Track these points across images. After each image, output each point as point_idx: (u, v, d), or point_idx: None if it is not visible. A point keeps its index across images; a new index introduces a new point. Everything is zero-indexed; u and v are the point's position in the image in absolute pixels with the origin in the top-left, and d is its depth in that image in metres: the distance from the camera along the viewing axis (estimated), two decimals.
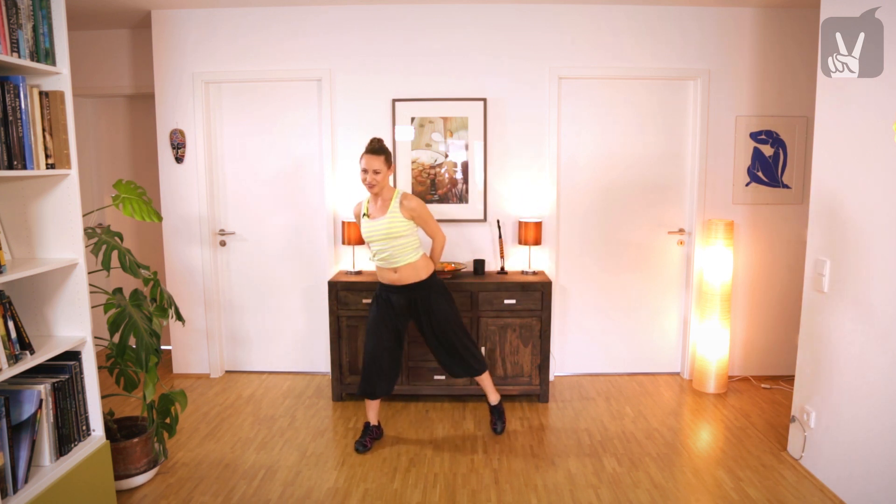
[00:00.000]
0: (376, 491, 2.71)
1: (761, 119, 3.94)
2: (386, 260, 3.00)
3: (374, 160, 2.92)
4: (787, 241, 4.04)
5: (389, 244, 2.97)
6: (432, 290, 3.06)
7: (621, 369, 4.24)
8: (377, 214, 3.01)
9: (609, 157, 4.02)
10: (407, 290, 3.04)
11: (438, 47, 3.88)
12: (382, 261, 3.02)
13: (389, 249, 2.98)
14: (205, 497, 2.67)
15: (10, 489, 1.93)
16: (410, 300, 3.06)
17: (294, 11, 3.86)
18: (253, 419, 3.50)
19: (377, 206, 3.03)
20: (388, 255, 2.99)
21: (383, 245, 2.98)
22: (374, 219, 3.00)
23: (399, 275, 3.01)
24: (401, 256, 2.98)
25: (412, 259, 3.00)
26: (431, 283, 3.07)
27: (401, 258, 2.98)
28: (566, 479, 2.81)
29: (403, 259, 2.99)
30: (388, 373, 3.11)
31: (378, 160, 2.93)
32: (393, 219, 2.96)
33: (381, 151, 2.95)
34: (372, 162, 2.92)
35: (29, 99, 2.02)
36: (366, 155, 2.94)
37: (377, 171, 2.93)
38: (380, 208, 3.02)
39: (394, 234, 2.95)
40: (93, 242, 2.63)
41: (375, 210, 3.03)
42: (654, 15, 3.84)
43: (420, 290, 3.05)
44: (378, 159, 2.93)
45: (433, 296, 3.05)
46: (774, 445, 3.14)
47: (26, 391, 2.04)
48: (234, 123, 4.07)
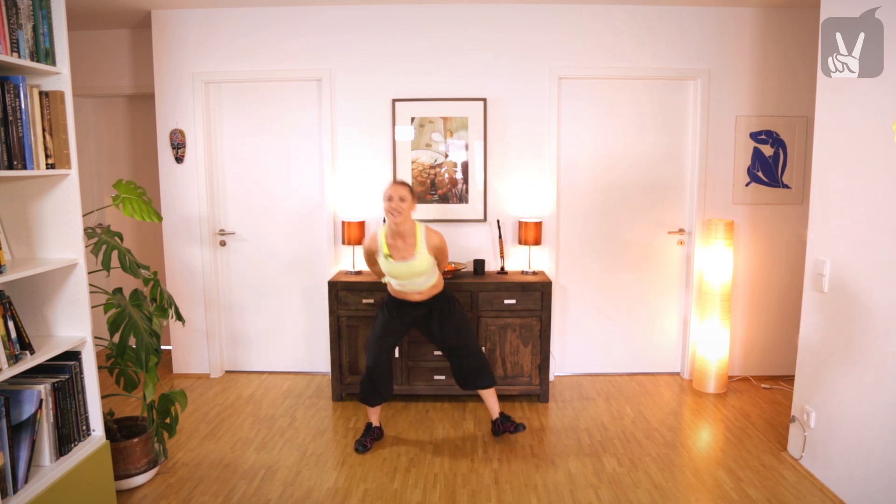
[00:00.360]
0: (376, 491, 2.71)
1: (761, 119, 3.94)
2: (407, 287, 3.03)
3: (400, 188, 2.92)
4: (787, 241, 4.04)
5: (413, 279, 3.00)
6: (445, 299, 3.13)
7: (621, 369, 4.24)
8: (403, 255, 2.95)
9: (609, 157, 4.02)
10: (422, 305, 3.09)
11: (438, 47, 3.88)
12: (402, 287, 3.04)
13: (412, 282, 3.01)
14: (205, 497, 2.67)
15: (10, 489, 1.93)
16: (429, 311, 3.10)
17: (294, 11, 3.86)
18: (253, 419, 3.50)
19: (401, 245, 2.96)
20: (410, 284, 3.02)
21: (406, 281, 3.01)
22: (401, 261, 2.94)
23: (419, 294, 3.05)
24: (422, 283, 3.02)
25: (431, 282, 3.05)
26: (447, 293, 3.15)
27: (422, 284, 3.02)
28: (566, 479, 2.81)
29: (425, 285, 3.03)
30: (389, 380, 3.17)
31: (403, 188, 2.92)
32: (421, 261, 2.94)
33: (405, 184, 2.97)
34: (397, 189, 2.91)
35: (29, 99, 2.02)
36: (392, 185, 2.95)
37: (402, 198, 2.89)
38: (405, 248, 2.95)
39: (422, 271, 2.97)
40: (93, 242, 2.63)
41: (398, 249, 2.96)
42: (654, 15, 3.84)
43: (438, 301, 3.10)
44: (403, 188, 2.93)
45: (450, 304, 3.12)
46: (774, 445, 3.14)
47: (26, 391, 2.03)
48: (234, 123, 4.08)
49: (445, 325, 3.10)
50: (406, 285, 3.02)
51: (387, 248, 2.97)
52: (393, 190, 2.92)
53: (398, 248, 2.96)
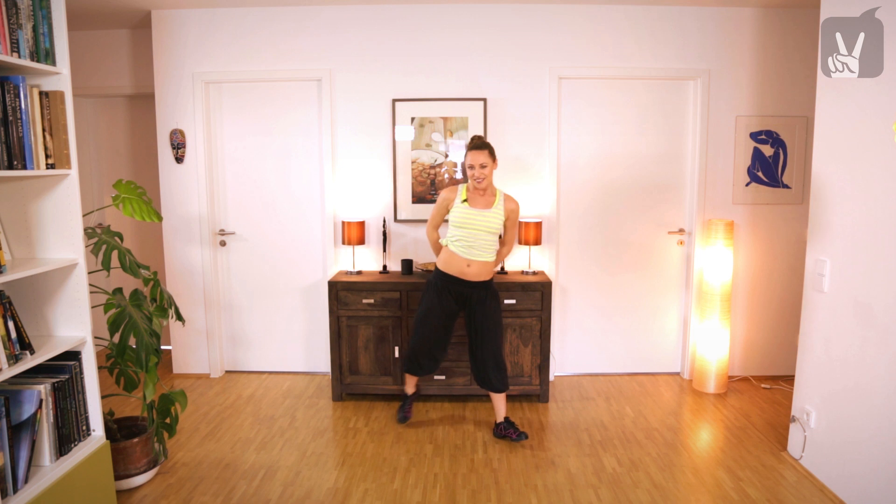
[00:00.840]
0: (376, 491, 2.71)
1: (761, 119, 3.94)
2: (468, 248, 3.02)
3: (479, 155, 2.95)
4: (787, 241, 4.04)
5: (480, 236, 3.00)
6: (490, 290, 3.14)
7: (621, 369, 4.24)
8: (480, 206, 3.03)
9: (609, 157, 4.03)
10: (469, 286, 3.09)
11: (438, 47, 3.88)
12: (464, 248, 3.02)
13: (476, 240, 3.01)
14: (205, 497, 2.67)
15: (10, 489, 1.94)
16: (468, 295, 3.11)
17: (294, 11, 3.86)
18: (253, 419, 3.50)
19: (481, 198, 3.05)
20: (471, 243, 3.01)
21: (474, 234, 3.00)
22: (477, 209, 3.02)
23: (471, 269, 3.04)
24: (482, 251, 3.03)
25: (489, 258, 3.06)
26: (491, 284, 3.15)
27: (481, 253, 3.03)
28: (566, 479, 2.81)
29: (483, 255, 3.04)
30: (437, 356, 3.23)
31: (483, 154, 2.96)
32: (497, 214, 3.02)
33: (484, 146, 3.00)
34: (477, 157, 2.95)
35: (29, 99, 2.02)
36: (470, 152, 2.97)
37: (484, 164, 2.95)
38: (484, 200, 3.05)
39: (491, 228, 3.01)
40: (93, 242, 2.63)
41: (478, 201, 3.05)
42: (654, 15, 3.84)
43: (481, 288, 3.11)
44: (483, 153, 2.96)
45: (489, 296, 3.13)
46: (774, 445, 3.14)
47: (26, 391, 2.04)
48: (234, 123, 4.08)
49: (481, 313, 3.10)
50: (470, 243, 3.01)
51: (465, 195, 3.05)
52: (473, 158, 2.96)
53: (477, 199, 3.04)
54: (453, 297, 3.12)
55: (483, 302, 3.11)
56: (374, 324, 3.63)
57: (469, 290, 3.10)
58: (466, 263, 3.03)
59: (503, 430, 3.19)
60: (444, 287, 3.11)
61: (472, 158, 2.97)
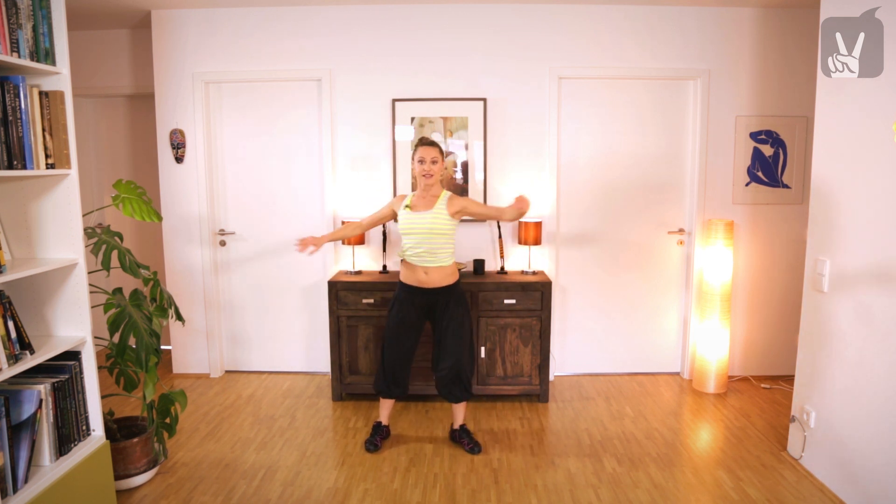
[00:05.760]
0: (376, 491, 2.71)
1: (761, 119, 3.94)
2: (420, 256, 2.92)
3: (431, 150, 2.94)
4: (787, 241, 4.04)
5: (428, 241, 2.91)
6: (453, 295, 3.01)
7: (621, 369, 4.24)
8: (421, 208, 2.95)
9: (609, 157, 4.03)
10: (432, 294, 2.98)
11: (438, 47, 3.88)
12: (416, 257, 2.93)
13: (426, 245, 2.91)
14: (205, 497, 2.67)
15: (10, 489, 1.94)
16: (433, 303, 3.00)
17: (294, 11, 3.86)
18: (253, 419, 3.50)
19: (422, 200, 2.98)
20: (423, 250, 2.92)
21: (421, 239, 2.91)
22: (418, 212, 2.94)
23: (429, 277, 2.94)
24: (436, 257, 2.92)
25: (446, 263, 2.96)
26: (455, 289, 3.02)
27: (435, 259, 2.92)
28: (566, 479, 2.81)
29: (437, 260, 2.93)
30: (407, 374, 3.11)
31: (434, 150, 2.95)
32: (438, 214, 2.91)
33: (435, 144, 2.98)
34: (429, 151, 2.94)
35: (29, 99, 2.02)
36: (421, 146, 2.96)
37: (434, 160, 2.93)
38: (426, 203, 2.96)
39: (436, 230, 2.90)
40: (93, 242, 2.63)
41: (419, 204, 2.97)
42: (654, 15, 3.84)
43: (444, 294, 2.99)
44: (434, 149, 2.95)
45: (453, 301, 2.99)
46: (774, 445, 3.14)
47: (26, 391, 2.04)
48: (234, 123, 4.08)
49: (446, 318, 2.98)
50: (423, 249, 2.91)
51: (410, 200, 3.00)
52: (424, 152, 2.93)
53: (419, 203, 2.98)
54: (417, 309, 3.01)
55: (446, 307, 2.97)
56: (374, 324, 3.63)
57: (433, 297, 2.98)
58: (424, 271, 2.94)
59: (458, 437, 3.14)
60: (407, 299, 3.01)
61: (424, 153, 2.93)
